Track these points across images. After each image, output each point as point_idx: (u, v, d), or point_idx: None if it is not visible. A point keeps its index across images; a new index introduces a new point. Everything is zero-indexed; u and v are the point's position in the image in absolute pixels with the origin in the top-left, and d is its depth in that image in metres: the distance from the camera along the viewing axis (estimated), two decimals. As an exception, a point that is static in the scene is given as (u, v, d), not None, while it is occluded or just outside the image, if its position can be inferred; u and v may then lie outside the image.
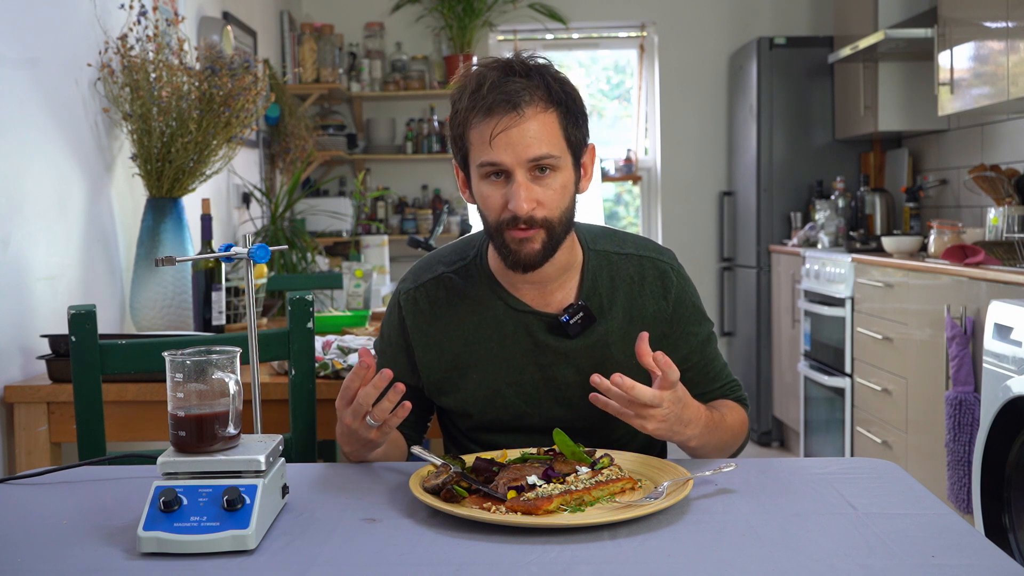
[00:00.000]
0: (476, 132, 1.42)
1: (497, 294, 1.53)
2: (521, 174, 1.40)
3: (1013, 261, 3.08)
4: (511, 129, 1.39)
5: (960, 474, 2.90)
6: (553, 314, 1.52)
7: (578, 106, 1.46)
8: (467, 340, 1.54)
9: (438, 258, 1.60)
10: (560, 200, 1.44)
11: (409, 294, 1.57)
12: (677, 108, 5.50)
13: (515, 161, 1.39)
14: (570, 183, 1.46)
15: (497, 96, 1.39)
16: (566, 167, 1.44)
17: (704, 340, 1.60)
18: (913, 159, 4.74)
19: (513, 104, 1.39)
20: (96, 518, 1.21)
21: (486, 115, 1.40)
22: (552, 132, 1.41)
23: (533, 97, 1.40)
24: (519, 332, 1.52)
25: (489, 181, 1.43)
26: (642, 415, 1.32)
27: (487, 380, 1.53)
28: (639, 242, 1.60)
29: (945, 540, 1.10)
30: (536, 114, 1.40)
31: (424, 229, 5.28)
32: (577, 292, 1.54)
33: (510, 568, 1.04)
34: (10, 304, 2.20)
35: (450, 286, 1.56)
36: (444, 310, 1.55)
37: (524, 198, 1.40)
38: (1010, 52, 3.22)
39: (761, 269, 5.04)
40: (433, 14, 5.35)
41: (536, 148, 1.39)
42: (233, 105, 2.58)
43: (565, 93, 1.43)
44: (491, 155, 1.40)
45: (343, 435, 1.40)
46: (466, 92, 1.42)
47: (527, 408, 1.54)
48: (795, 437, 4.79)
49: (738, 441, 1.58)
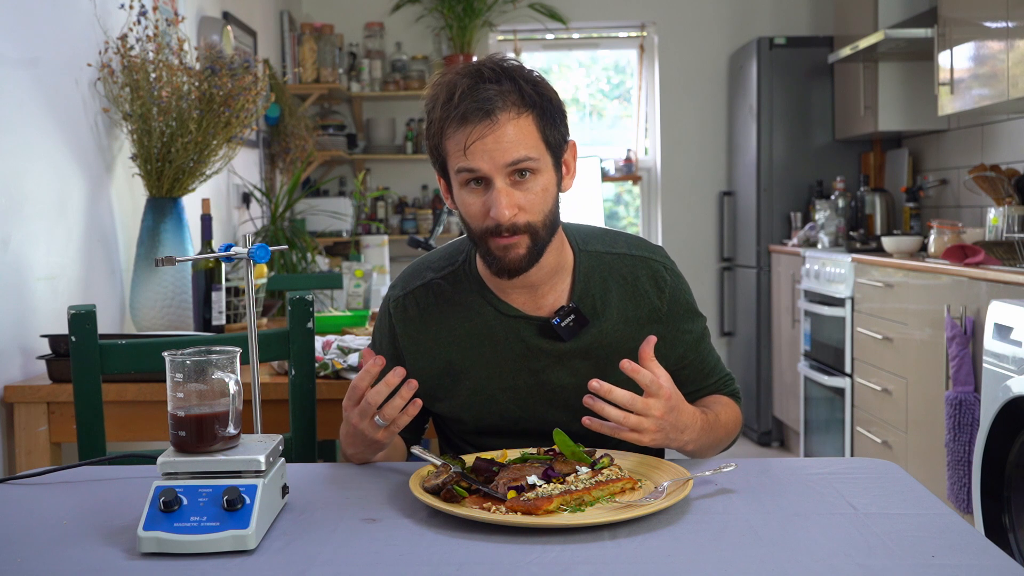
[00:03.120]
0: (452, 142, 1.40)
1: (487, 300, 1.51)
2: (500, 180, 1.38)
3: (1013, 261, 3.08)
4: (486, 137, 1.37)
5: (960, 474, 2.90)
6: (544, 318, 1.50)
7: (554, 105, 1.43)
8: (459, 347, 1.52)
9: (427, 264, 1.59)
10: (542, 203, 1.42)
11: (398, 301, 1.56)
12: (677, 108, 5.50)
13: (493, 167, 1.38)
14: (551, 184, 1.44)
15: (470, 105, 1.37)
16: (546, 168, 1.42)
17: (698, 337, 1.59)
18: (913, 159, 4.74)
19: (486, 112, 1.36)
20: (96, 518, 1.21)
21: (460, 124, 1.38)
22: (528, 135, 1.39)
23: (506, 102, 1.37)
24: (511, 337, 1.51)
25: (469, 188, 1.41)
26: (637, 428, 1.30)
27: (480, 386, 1.52)
28: (630, 241, 1.59)
29: (945, 540, 1.10)
30: (510, 119, 1.38)
31: (424, 229, 5.28)
32: (569, 294, 1.52)
33: (510, 568, 1.04)
34: (10, 304, 2.20)
35: (439, 292, 1.54)
36: (434, 317, 1.53)
37: (505, 204, 1.37)
38: (1010, 52, 3.22)
39: (761, 269, 5.04)
40: (433, 14, 5.35)
41: (513, 152, 1.37)
42: (233, 105, 2.58)
43: (539, 95, 1.41)
44: (468, 163, 1.38)
45: (348, 436, 1.40)
46: (438, 102, 1.40)
47: (521, 413, 1.53)
48: (795, 437, 4.79)
49: (732, 437, 1.58)
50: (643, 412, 1.30)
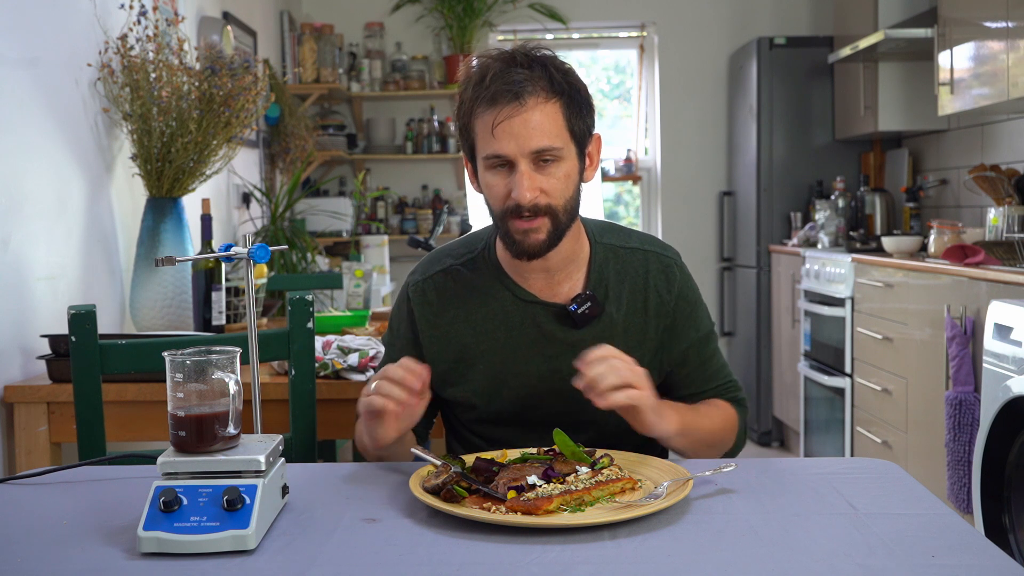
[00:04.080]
0: (480, 122, 1.44)
1: (505, 284, 1.56)
2: (524, 164, 1.43)
3: (1013, 261, 3.08)
4: (514, 119, 1.41)
5: (960, 474, 2.90)
6: (561, 304, 1.54)
7: (582, 96, 1.47)
8: (474, 331, 1.56)
9: (446, 251, 1.63)
10: (564, 188, 1.46)
11: (418, 286, 1.60)
12: (677, 108, 5.50)
13: (518, 151, 1.42)
14: (574, 172, 1.48)
15: (500, 86, 1.41)
16: (570, 156, 1.46)
17: (703, 338, 1.62)
18: (913, 159, 4.74)
19: (515, 94, 1.41)
20: (96, 518, 1.21)
21: (489, 105, 1.42)
22: (555, 122, 1.43)
23: (535, 88, 1.42)
24: (526, 322, 1.55)
25: (494, 171, 1.46)
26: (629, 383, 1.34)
27: (493, 371, 1.55)
28: (644, 238, 1.64)
29: (945, 540, 1.10)
30: (538, 104, 1.42)
31: (424, 229, 5.28)
32: (584, 283, 1.56)
33: (510, 568, 1.04)
34: (10, 304, 2.20)
35: (458, 278, 1.58)
36: (452, 301, 1.57)
37: (527, 187, 1.42)
38: (1010, 52, 3.22)
39: (761, 269, 5.04)
40: (433, 14, 5.35)
41: (538, 140, 1.42)
42: (233, 105, 2.58)
43: (568, 84, 1.45)
44: (494, 146, 1.43)
45: (367, 415, 1.40)
46: (470, 83, 1.45)
47: (532, 400, 1.55)
48: (795, 437, 4.79)
49: (728, 438, 1.59)
50: (593, 359, 1.34)
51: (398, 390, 1.36)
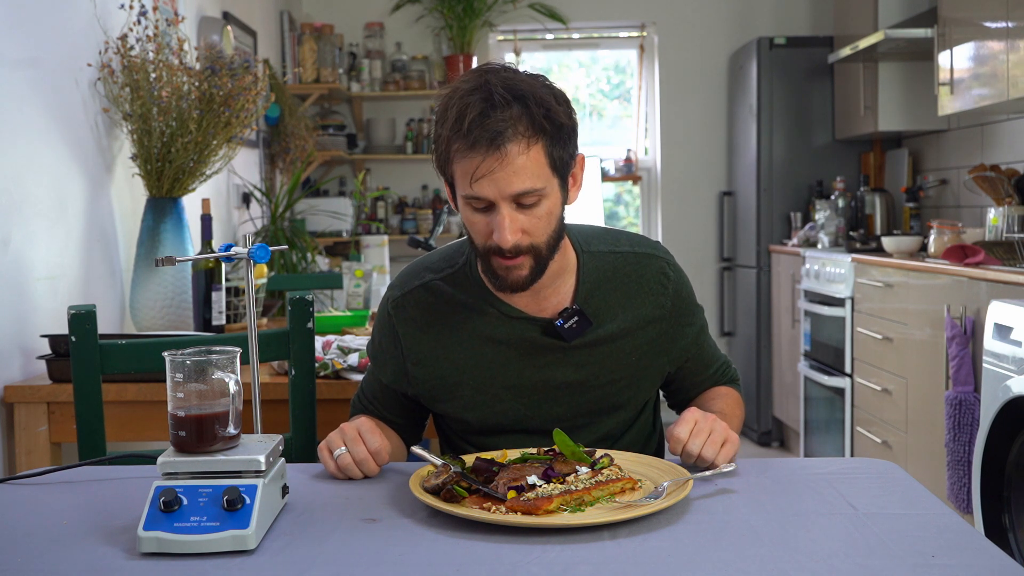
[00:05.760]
0: (459, 167, 1.38)
1: (489, 302, 1.51)
2: (505, 206, 1.37)
3: (1013, 261, 3.08)
4: (495, 171, 1.35)
5: (960, 474, 2.90)
6: (547, 319, 1.50)
7: (565, 128, 1.40)
8: (461, 347, 1.52)
9: (426, 264, 1.58)
10: (546, 226, 1.41)
11: (397, 301, 1.55)
12: (677, 108, 5.50)
13: (498, 195, 1.37)
14: (556, 206, 1.43)
15: (480, 133, 1.34)
16: (552, 192, 1.41)
17: (700, 330, 1.62)
18: (913, 159, 4.74)
19: (496, 145, 1.34)
20: (96, 518, 1.21)
21: (468, 150, 1.36)
22: (537, 163, 1.37)
23: (515, 133, 1.35)
24: (514, 338, 1.50)
25: (474, 211, 1.41)
26: (724, 440, 1.37)
27: (483, 386, 1.52)
28: (633, 239, 1.59)
29: (945, 540, 1.10)
30: (520, 152, 1.35)
31: (424, 229, 5.28)
32: (573, 295, 1.52)
33: (510, 568, 1.04)
34: (10, 304, 2.20)
35: (439, 294, 1.53)
36: (435, 318, 1.53)
37: (509, 230, 1.37)
38: (1010, 52, 3.22)
39: (761, 269, 5.04)
40: (433, 14, 5.35)
41: (519, 184, 1.36)
42: (233, 105, 2.58)
43: (549, 120, 1.37)
44: (475, 190, 1.37)
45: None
46: (447, 121, 1.38)
47: (525, 411, 1.53)
48: (795, 437, 4.79)
49: (742, 419, 1.64)
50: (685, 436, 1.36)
51: (357, 471, 1.38)
